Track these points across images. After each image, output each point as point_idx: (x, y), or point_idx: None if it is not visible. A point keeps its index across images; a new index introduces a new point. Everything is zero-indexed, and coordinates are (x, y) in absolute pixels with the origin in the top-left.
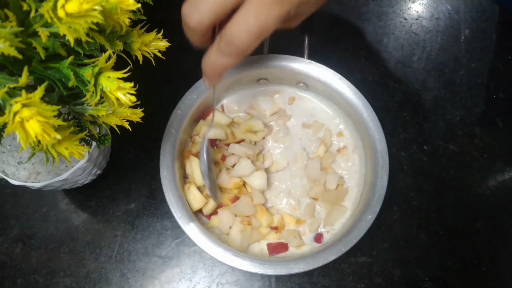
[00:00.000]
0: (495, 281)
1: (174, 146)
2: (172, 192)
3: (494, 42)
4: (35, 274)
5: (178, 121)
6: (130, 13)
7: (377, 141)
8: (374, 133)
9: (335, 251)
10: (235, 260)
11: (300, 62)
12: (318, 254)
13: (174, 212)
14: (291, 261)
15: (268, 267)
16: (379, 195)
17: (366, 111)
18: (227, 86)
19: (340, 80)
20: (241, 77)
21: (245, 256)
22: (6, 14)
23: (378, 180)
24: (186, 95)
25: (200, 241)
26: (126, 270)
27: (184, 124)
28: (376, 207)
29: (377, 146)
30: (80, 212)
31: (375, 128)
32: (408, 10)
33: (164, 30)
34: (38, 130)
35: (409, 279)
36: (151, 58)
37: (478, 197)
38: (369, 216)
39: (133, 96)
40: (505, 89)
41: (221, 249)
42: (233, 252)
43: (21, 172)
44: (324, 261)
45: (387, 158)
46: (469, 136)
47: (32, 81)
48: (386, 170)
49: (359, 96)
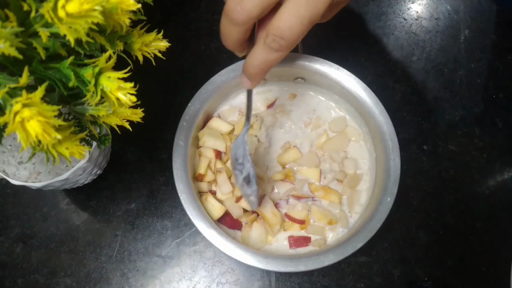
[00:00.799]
0: (495, 281)
1: (185, 159)
2: (192, 204)
3: (494, 43)
4: (35, 274)
5: (185, 132)
6: (131, 13)
7: (383, 124)
8: (379, 117)
9: (361, 237)
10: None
11: (296, 57)
12: (345, 244)
13: (197, 224)
14: (319, 254)
15: (298, 263)
16: (394, 176)
17: (369, 96)
18: (224, 94)
19: (338, 70)
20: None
21: (269, 256)
22: (7, 14)
23: (391, 162)
24: (189, 105)
25: (231, 252)
26: (126, 270)
27: (191, 135)
28: (393, 189)
29: (384, 129)
30: (80, 212)
31: (379, 112)
32: (407, 11)
33: (164, 31)
34: (39, 130)
35: (408, 278)
36: (152, 58)
37: (478, 197)
38: (388, 199)
39: (133, 96)
40: (504, 89)
41: (250, 254)
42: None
43: (21, 172)
44: (352, 249)
45: (396, 139)
46: (468, 136)
47: (33, 81)
48: (397, 152)
49: (360, 83)
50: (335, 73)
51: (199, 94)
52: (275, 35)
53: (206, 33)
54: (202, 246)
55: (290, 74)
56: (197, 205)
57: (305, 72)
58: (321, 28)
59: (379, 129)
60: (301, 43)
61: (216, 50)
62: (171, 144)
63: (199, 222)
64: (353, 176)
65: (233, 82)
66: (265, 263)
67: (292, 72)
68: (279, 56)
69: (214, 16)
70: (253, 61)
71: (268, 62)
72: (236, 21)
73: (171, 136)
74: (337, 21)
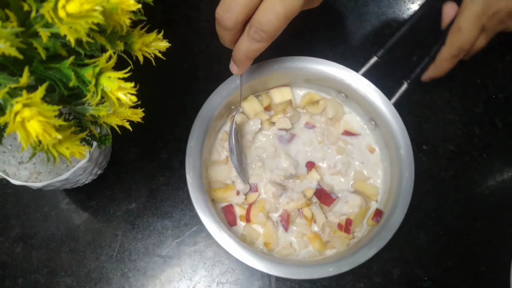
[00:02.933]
0: (494, 281)
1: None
2: (205, 213)
3: (494, 43)
4: (36, 274)
5: (201, 121)
6: (131, 13)
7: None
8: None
9: (366, 251)
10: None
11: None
12: (356, 252)
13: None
14: (338, 260)
15: (314, 270)
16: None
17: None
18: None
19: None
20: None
21: (283, 261)
22: (7, 14)
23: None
24: (196, 123)
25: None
26: (126, 270)
27: (208, 125)
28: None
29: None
30: (80, 212)
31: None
32: (407, 11)
33: (164, 31)
34: (39, 130)
35: (408, 278)
36: (152, 58)
37: (477, 197)
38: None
39: (133, 96)
40: (504, 89)
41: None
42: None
43: (22, 172)
44: (363, 258)
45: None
46: (468, 136)
47: (33, 81)
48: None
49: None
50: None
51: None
52: (256, 28)
53: (206, 33)
54: (202, 246)
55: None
56: (210, 212)
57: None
58: (321, 28)
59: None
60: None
61: (216, 50)
62: (171, 144)
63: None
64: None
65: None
66: (273, 269)
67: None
68: (262, 46)
69: (214, 16)
70: (239, 50)
71: (252, 51)
72: (226, 27)
73: (171, 136)
74: (337, 21)
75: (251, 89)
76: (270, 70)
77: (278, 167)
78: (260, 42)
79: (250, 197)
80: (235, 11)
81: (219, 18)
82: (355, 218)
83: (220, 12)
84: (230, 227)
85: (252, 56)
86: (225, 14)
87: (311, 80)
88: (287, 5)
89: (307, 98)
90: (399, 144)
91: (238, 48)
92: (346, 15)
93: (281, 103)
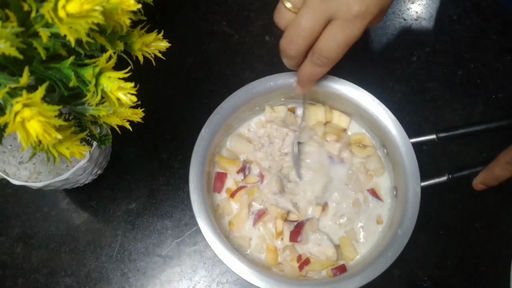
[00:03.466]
0: (494, 281)
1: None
2: (208, 226)
3: (493, 43)
4: (36, 274)
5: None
6: (131, 13)
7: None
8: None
9: (364, 276)
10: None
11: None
12: (349, 277)
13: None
14: (342, 279)
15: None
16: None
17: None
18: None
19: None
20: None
21: (275, 278)
22: (7, 14)
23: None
24: (201, 136)
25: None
26: (126, 270)
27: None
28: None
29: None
30: (80, 212)
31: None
32: (407, 11)
33: (164, 31)
34: (39, 130)
35: (408, 278)
36: (152, 58)
37: (478, 197)
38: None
39: (133, 96)
40: (504, 89)
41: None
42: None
43: (22, 172)
44: (372, 276)
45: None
46: (468, 136)
47: (33, 81)
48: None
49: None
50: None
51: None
52: (319, 55)
53: (206, 33)
54: (202, 246)
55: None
56: (213, 226)
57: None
58: None
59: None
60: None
61: (216, 50)
62: (171, 144)
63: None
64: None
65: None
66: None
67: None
68: (323, 70)
69: (214, 16)
70: (303, 73)
71: (314, 75)
72: (291, 56)
73: (171, 136)
74: None
75: (309, 95)
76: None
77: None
78: (321, 67)
79: (250, 179)
80: (298, 43)
81: (283, 49)
82: (314, 264)
83: (284, 44)
84: (212, 192)
85: (315, 79)
86: (288, 46)
87: (364, 118)
88: (347, 33)
89: (358, 137)
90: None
91: (302, 72)
92: None
93: (338, 128)
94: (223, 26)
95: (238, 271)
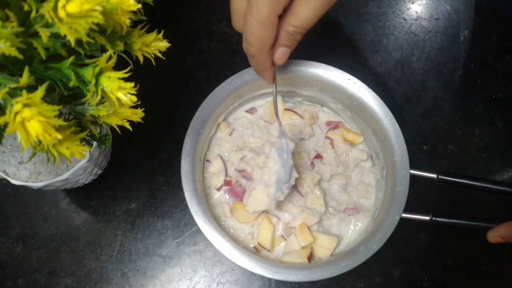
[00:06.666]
0: (494, 281)
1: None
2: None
3: (493, 43)
4: (36, 274)
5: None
6: (131, 13)
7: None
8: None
9: (362, 254)
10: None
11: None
12: (345, 258)
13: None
14: (329, 264)
15: (309, 273)
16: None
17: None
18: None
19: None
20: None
21: (271, 263)
22: (7, 14)
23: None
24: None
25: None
26: (126, 270)
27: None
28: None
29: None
30: (80, 212)
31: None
32: (407, 11)
33: (164, 31)
34: (39, 130)
35: (408, 278)
36: (152, 58)
37: (478, 197)
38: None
39: (133, 96)
40: (504, 89)
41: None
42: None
43: (22, 172)
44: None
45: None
46: (468, 136)
47: (33, 81)
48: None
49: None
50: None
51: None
52: (293, 25)
53: (207, 33)
54: (202, 246)
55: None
56: (209, 220)
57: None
58: (321, 28)
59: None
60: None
61: (216, 50)
62: (171, 144)
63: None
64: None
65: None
66: (269, 270)
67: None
68: (296, 41)
69: (214, 16)
70: (280, 50)
71: (289, 47)
72: (251, 54)
73: (170, 136)
74: (337, 22)
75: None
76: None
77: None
78: (295, 36)
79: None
80: (256, 45)
81: (244, 49)
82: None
83: (244, 46)
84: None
85: (286, 57)
86: (249, 47)
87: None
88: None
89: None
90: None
91: (279, 50)
92: (346, 15)
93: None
94: (223, 26)
95: (236, 259)
